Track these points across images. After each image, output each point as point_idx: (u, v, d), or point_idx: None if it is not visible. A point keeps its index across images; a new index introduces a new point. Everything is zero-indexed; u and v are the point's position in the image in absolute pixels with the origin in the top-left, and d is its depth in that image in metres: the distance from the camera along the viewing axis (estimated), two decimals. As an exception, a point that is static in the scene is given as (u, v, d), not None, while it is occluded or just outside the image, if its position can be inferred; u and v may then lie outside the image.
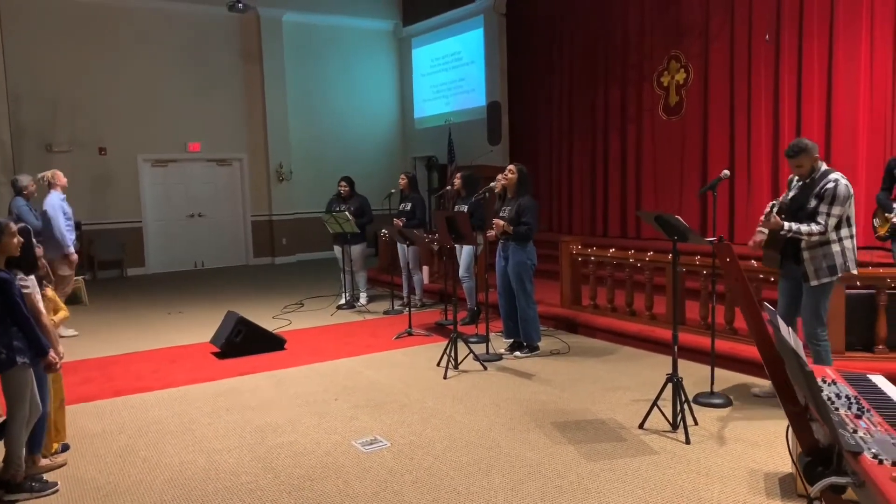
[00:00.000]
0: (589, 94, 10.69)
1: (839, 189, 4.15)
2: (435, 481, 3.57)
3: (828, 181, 4.20)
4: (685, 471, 3.61)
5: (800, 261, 4.28)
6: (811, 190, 4.25)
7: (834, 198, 4.14)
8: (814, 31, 7.76)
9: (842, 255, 4.22)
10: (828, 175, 4.24)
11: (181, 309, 8.85)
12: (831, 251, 4.21)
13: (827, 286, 4.26)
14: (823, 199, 4.17)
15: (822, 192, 4.19)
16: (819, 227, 4.15)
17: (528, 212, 5.82)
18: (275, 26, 13.51)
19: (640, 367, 5.61)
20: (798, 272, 4.32)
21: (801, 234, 4.18)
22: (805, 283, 4.29)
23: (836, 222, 4.17)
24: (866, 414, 2.08)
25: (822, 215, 4.16)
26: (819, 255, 4.22)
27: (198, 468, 3.85)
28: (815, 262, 4.23)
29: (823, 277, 4.23)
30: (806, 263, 4.25)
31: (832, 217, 4.14)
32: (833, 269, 4.22)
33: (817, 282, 4.24)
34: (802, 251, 4.25)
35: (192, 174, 13.17)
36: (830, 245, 4.20)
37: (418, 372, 5.64)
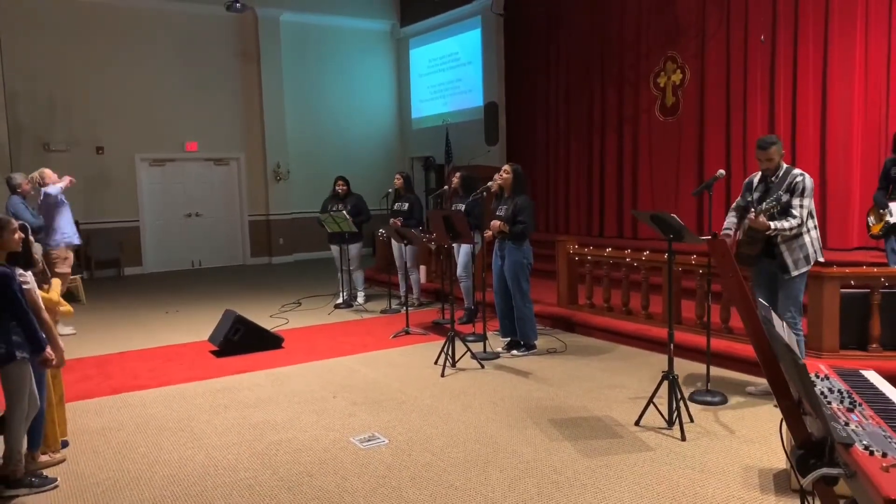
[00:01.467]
0: (586, 95, 10.73)
1: (807, 182, 4.41)
2: (433, 477, 3.60)
3: (794, 176, 4.44)
4: (681, 467, 3.64)
5: (775, 255, 4.46)
6: (779, 187, 4.45)
7: (804, 190, 4.39)
8: (809, 32, 7.82)
9: (811, 245, 4.46)
10: (791, 170, 4.49)
11: (178, 308, 8.86)
12: (804, 242, 4.44)
13: (804, 275, 4.49)
14: (794, 193, 4.39)
15: (792, 186, 4.41)
16: (796, 219, 4.36)
17: (524, 211, 5.86)
18: (272, 26, 13.53)
19: (636, 365, 5.65)
20: (774, 266, 4.50)
21: (784, 229, 4.36)
22: (784, 274, 4.46)
23: (808, 213, 4.39)
24: (858, 408, 2.12)
25: (796, 208, 4.37)
26: (795, 246, 4.43)
27: (197, 464, 3.87)
28: (793, 254, 4.43)
29: (802, 267, 4.45)
30: (784, 256, 4.43)
31: (804, 209, 4.38)
32: (808, 259, 4.46)
33: (797, 272, 4.44)
34: (778, 245, 4.44)
35: (190, 174, 13.17)
36: (803, 236, 4.43)
37: (416, 370, 5.66)
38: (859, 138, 7.46)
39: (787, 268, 4.44)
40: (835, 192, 7.63)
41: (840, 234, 7.58)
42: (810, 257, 4.46)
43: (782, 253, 4.43)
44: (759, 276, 4.66)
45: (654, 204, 9.53)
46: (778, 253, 4.45)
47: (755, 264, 4.61)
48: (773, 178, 4.52)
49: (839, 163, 7.60)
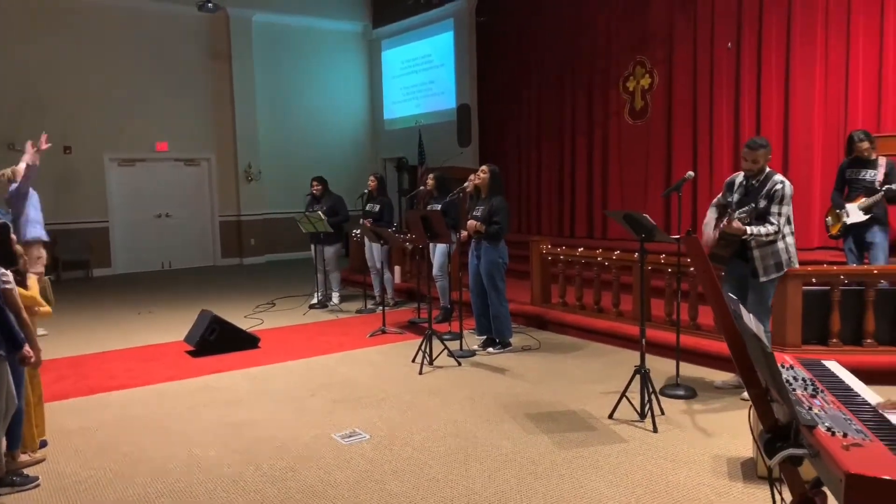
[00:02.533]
0: (557, 98, 10.92)
1: (786, 189, 4.45)
2: (414, 470, 3.69)
3: (775, 182, 4.47)
4: (653, 457, 3.78)
5: (747, 259, 4.54)
6: (759, 191, 4.50)
7: (783, 197, 4.43)
8: (772, 39, 8.09)
9: (786, 252, 4.53)
10: (772, 177, 4.52)
11: (151, 309, 8.80)
12: (777, 249, 4.50)
13: (774, 281, 4.59)
14: (773, 200, 4.44)
15: (771, 193, 4.45)
16: (773, 226, 4.43)
17: (499, 212, 5.98)
18: (244, 26, 13.48)
19: (608, 361, 5.81)
20: (746, 269, 4.58)
21: (760, 235, 4.43)
22: (754, 279, 4.55)
23: (785, 220, 4.45)
24: (820, 394, 2.27)
25: (773, 215, 4.43)
26: (767, 252, 4.50)
27: (179, 462, 3.90)
28: (765, 260, 4.51)
29: (772, 273, 4.54)
30: (756, 261, 4.52)
31: (782, 216, 4.44)
32: (779, 266, 4.53)
33: (766, 278, 4.54)
34: (752, 250, 4.51)
35: (160, 174, 13.06)
36: (776, 243, 4.49)
37: (394, 368, 5.74)
38: (820, 141, 7.74)
39: (757, 273, 4.53)
40: (797, 194, 7.81)
41: (802, 235, 7.82)
42: (782, 264, 4.53)
43: (755, 258, 4.51)
44: (729, 276, 4.74)
45: (624, 205, 9.74)
46: (751, 257, 4.53)
47: (727, 264, 4.70)
48: (755, 181, 4.55)
49: (801, 165, 7.88)
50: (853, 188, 5.88)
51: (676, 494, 3.34)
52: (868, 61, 7.32)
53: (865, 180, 5.81)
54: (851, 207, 5.82)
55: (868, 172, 5.80)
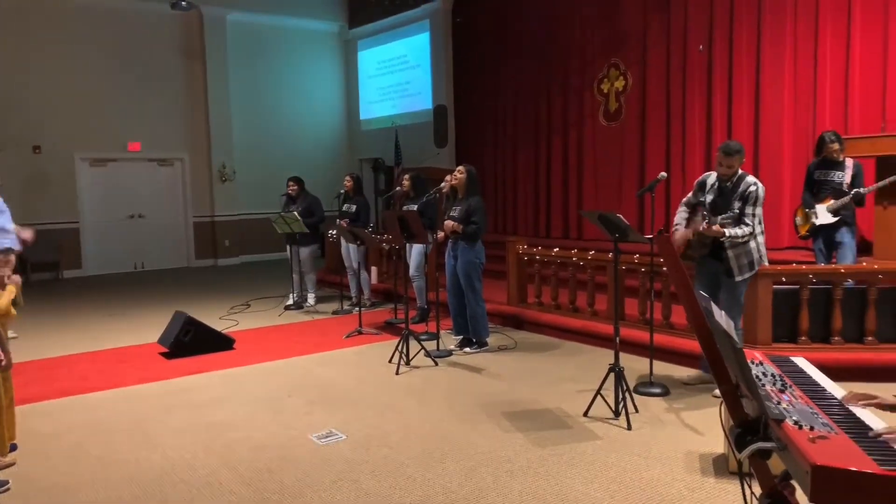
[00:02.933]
0: (533, 100, 10.99)
1: (760, 191, 4.55)
2: (392, 470, 3.69)
3: (748, 184, 4.56)
4: (627, 454, 3.83)
5: (721, 258, 4.63)
6: (732, 193, 4.59)
7: (756, 199, 4.53)
8: (743, 41, 8.23)
9: (757, 251, 4.65)
10: (745, 178, 4.61)
11: (124, 311, 8.68)
12: (750, 248, 4.61)
13: (748, 279, 4.70)
14: (748, 201, 4.53)
15: (745, 194, 4.54)
16: (749, 227, 4.52)
17: (476, 212, 6.01)
18: (218, 25, 13.35)
19: (583, 360, 5.86)
20: (719, 268, 4.68)
21: (737, 236, 4.52)
22: (728, 278, 4.65)
23: (757, 221, 4.55)
24: (789, 389, 2.32)
25: (748, 216, 4.53)
26: (741, 252, 4.60)
27: (153, 464, 3.86)
28: (739, 260, 4.61)
29: (746, 273, 4.64)
30: (731, 261, 4.61)
31: (756, 217, 4.54)
32: (752, 265, 4.65)
33: (741, 277, 4.64)
34: (727, 250, 4.61)
35: (132, 174, 12.88)
36: (749, 243, 4.60)
37: (370, 369, 5.74)
38: (789, 142, 7.90)
39: (731, 272, 4.62)
40: (767, 195, 7.98)
41: (772, 234, 7.97)
42: (755, 263, 4.64)
43: (729, 258, 4.60)
44: (701, 275, 4.81)
45: (598, 205, 9.84)
46: (725, 257, 4.61)
47: (700, 263, 4.79)
48: (729, 183, 4.63)
49: (771, 166, 8.03)
50: (822, 189, 5.99)
51: (650, 490, 3.39)
52: (835, 64, 7.48)
53: (834, 181, 5.92)
54: (820, 208, 5.93)
55: (836, 174, 5.91)
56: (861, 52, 7.27)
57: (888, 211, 5.95)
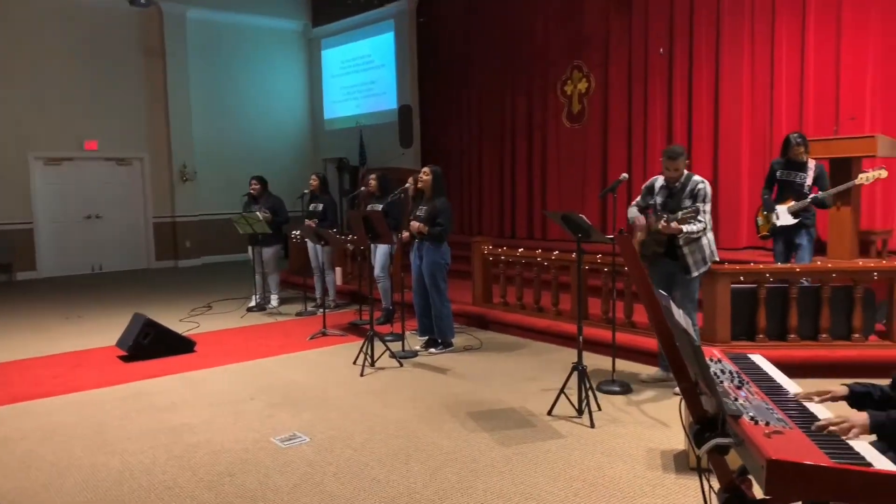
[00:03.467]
0: (497, 101, 11.04)
1: (707, 189, 4.75)
2: (355, 472, 3.67)
3: (696, 183, 4.76)
4: (590, 452, 3.87)
5: (676, 256, 4.77)
6: (682, 193, 4.77)
7: (706, 196, 4.72)
8: (702, 45, 8.39)
9: (708, 247, 4.81)
10: (692, 178, 4.80)
11: (80, 313, 8.48)
12: (702, 244, 4.77)
13: (702, 275, 4.86)
14: (697, 199, 4.71)
15: (695, 192, 4.72)
16: (702, 223, 4.67)
17: (442, 213, 6.01)
18: (178, 22, 13.13)
19: (547, 359, 5.90)
20: (674, 267, 4.82)
21: (692, 233, 4.65)
22: (685, 274, 4.79)
23: (709, 217, 4.72)
24: (746, 386, 2.37)
25: (700, 213, 4.65)
26: (695, 248, 4.76)
27: (111, 470, 3.77)
28: (693, 256, 4.76)
29: (701, 268, 4.80)
30: (687, 257, 4.76)
31: (706, 213, 4.70)
32: (705, 260, 4.81)
33: (697, 272, 4.79)
34: (681, 247, 4.75)
35: (89, 173, 12.59)
36: (701, 239, 4.76)
37: (335, 370, 5.70)
38: (747, 144, 8.07)
39: (688, 268, 4.76)
40: (725, 195, 8.21)
41: (730, 235, 8.17)
42: (707, 258, 4.80)
43: (685, 255, 4.73)
44: (656, 275, 4.89)
45: (562, 206, 9.92)
46: (681, 255, 4.75)
47: (653, 263, 4.90)
48: (677, 183, 4.80)
49: (730, 167, 8.19)
50: (784, 189, 6.04)
51: (612, 487, 3.42)
52: (791, 68, 7.67)
53: (796, 183, 5.97)
54: (781, 209, 6.01)
55: (799, 175, 5.96)
56: (815, 56, 7.47)
57: (841, 212, 6.12)
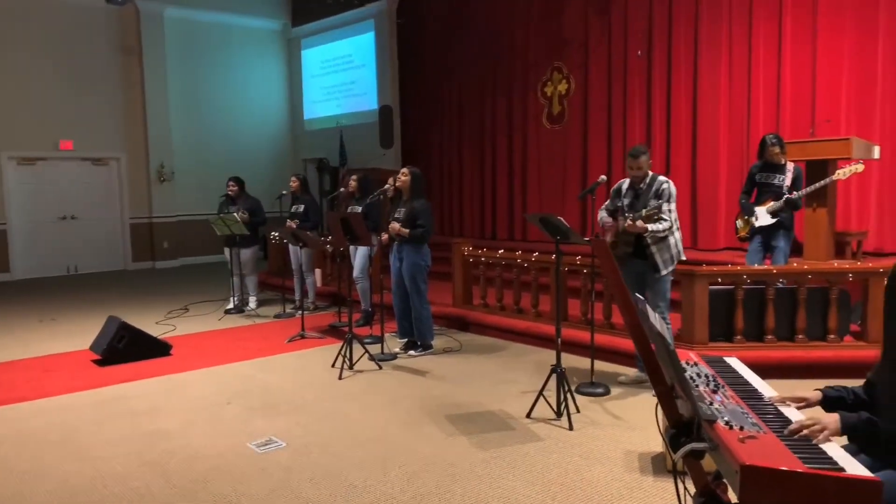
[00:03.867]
0: (478, 102, 11.05)
1: (672, 189, 4.82)
2: (332, 477, 3.63)
3: (661, 183, 4.83)
4: (569, 454, 3.86)
5: (645, 256, 4.83)
6: (648, 193, 4.83)
7: (670, 195, 4.79)
8: (681, 47, 8.45)
9: (676, 246, 4.86)
10: (657, 178, 4.88)
11: (54, 316, 8.34)
12: (669, 243, 4.83)
13: (671, 273, 4.91)
14: (662, 198, 4.77)
15: (659, 192, 4.79)
16: (667, 222, 4.74)
17: (422, 214, 5.97)
18: (155, 21, 12.97)
19: (527, 361, 5.90)
20: (644, 266, 4.88)
21: (658, 231, 4.72)
22: (654, 273, 4.85)
23: (675, 216, 4.78)
24: (721, 389, 2.37)
25: (665, 212, 4.73)
26: (663, 247, 4.82)
27: (83, 477, 3.70)
28: (662, 255, 4.81)
29: (669, 266, 4.85)
30: (655, 256, 4.81)
31: (672, 213, 4.77)
32: (673, 259, 4.86)
33: (665, 271, 4.84)
34: (650, 247, 4.80)
35: (65, 174, 12.40)
36: (668, 238, 4.81)
37: (313, 373, 5.65)
38: (725, 146, 8.14)
39: (657, 267, 4.82)
40: (704, 196, 8.28)
41: (709, 236, 8.23)
42: (675, 257, 4.86)
43: (653, 254, 4.80)
44: (627, 275, 4.95)
45: (542, 207, 9.95)
46: (649, 254, 4.81)
47: (624, 264, 4.94)
48: (642, 184, 4.88)
49: (708, 169, 8.26)
50: (763, 191, 6.09)
51: (590, 490, 3.42)
52: (768, 71, 7.74)
53: (775, 184, 6.01)
54: (760, 210, 6.04)
55: (777, 177, 6.00)
56: (791, 59, 7.55)
57: (817, 213, 6.18)
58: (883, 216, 7.12)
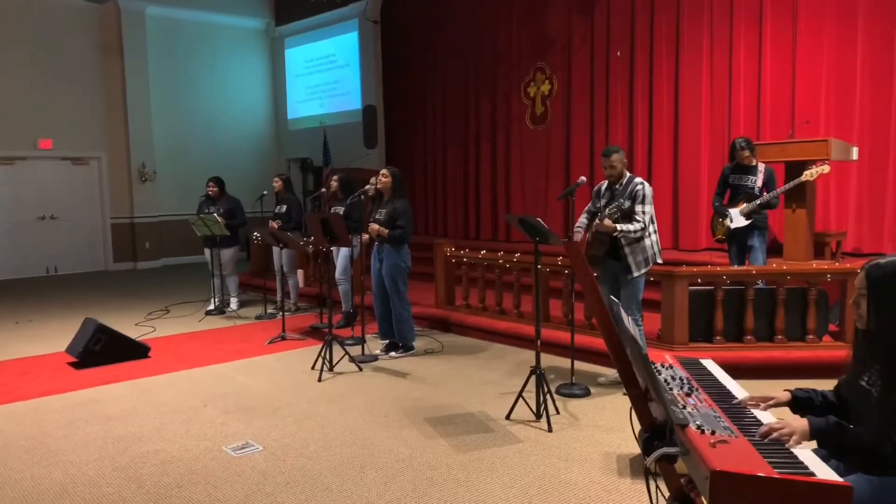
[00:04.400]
0: (461, 102, 11.02)
1: (647, 190, 4.82)
2: (308, 481, 3.59)
3: (636, 184, 4.84)
4: (547, 456, 3.84)
5: (619, 257, 4.84)
6: (623, 194, 4.84)
7: (644, 197, 4.79)
8: (663, 49, 8.46)
9: (652, 248, 4.86)
10: (633, 180, 4.89)
11: (31, 318, 8.22)
12: (645, 245, 4.83)
13: (644, 276, 4.90)
14: (636, 200, 4.79)
15: (633, 193, 4.80)
16: (639, 223, 4.75)
17: (403, 215, 5.94)
18: (137, 20, 12.83)
19: (508, 362, 5.88)
20: (618, 267, 4.89)
21: (628, 231, 4.74)
22: (626, 275, 4.85)
23: (650, 218, 4.79)
24: (695, 392, 2.35)
25: (638, 214, 4.77)
26: (637, 249, 4.81)
27: (53, 483, 3.63)
28: (635, 257, 4.82)
29: (642, 268, 4.85)
30: (628, 258, 4.81)
31: (647, 214, 4.78)
32: (647, 261, 4.86)
33: (638, 272, 4.84)
34: (623, 248, 4.81)
35: (43, 173, 12.25)
36: (644, 240, 4.81)
37: (292, 376, 5.59)
38: (707, 147, 8.16)
39: (630, 269, 4.82)
40: (685, 197, 8.30)
41: (690, 236, 8.25)
42: (650, 259, 4.86)
43: (626, 255, 4.81)
44: (604, 276, 5.02)
45: (526, 207, 9.93)
46: (623, 255, 4.82)
47: (601, 265, 4.96)
48: (618, 185, 4.91)
49: (689, 170, 8.27)
50: (736, 193, 6.19)
51: (568, 493, 3.40)
52: (748, 73, 7.76)
53: (747, 186, 6.11)
54: (734, 212, 6.11)
55: (749, 178, 6.11)
56: (772, 62, 7.58)
57: (797, 214, 6.20)
58: (861, 217, 7.16)
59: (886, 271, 2.10)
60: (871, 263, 2.16)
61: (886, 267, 2.10)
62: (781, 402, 2.29)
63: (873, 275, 2.11)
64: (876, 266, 2.13)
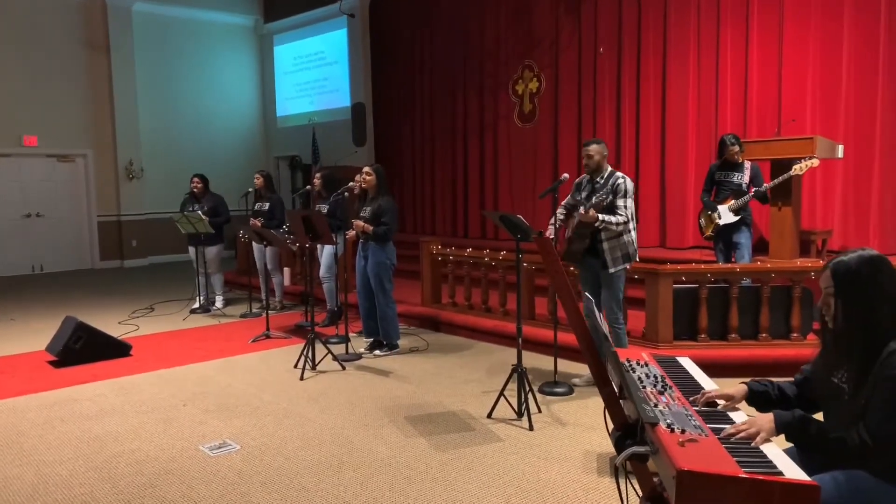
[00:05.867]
0: (450, 100, 10.98)
1: (628, 184, 4.78)
2: (285, 481, 3.54)
3: (617, 178, 4.80)
4: (527, 455, 3.81)
5: (598, 253, 4.79)
6: (604, 187, 4.81)
7: (626, 191, 4.75)
8: (650, 47, 8.44)
9: (631, 245, 4.81)
10: (615, 174, 4.86)
11: (13, 316, 8.14)
12: (624, 241, 4.78)
13: (623, 272, 4.85)
14: (617, 194, 4.75)
15: (615, 187, 4.77)
16: (622, 216, 4.72)
17: (387, 213, 5.89)
18: (123, 15, 12.73)
19: (492, 360, 5.85)
20: (597, 264, 4.85)
21: (611, 223, 4.69)
22: (604, 270, 4.81)
23: (631, 213, 4.75)
24: (668, 390, 2.32)
25: (620, 208, 4.73)
26: (615, 245, 4.77)
27: (25, 483, 3.58)
28: (613, 252, 4.77)
29: (619, 265, 4.80)
30: (606, 253, 4.77)
31: (628, 208, 4.74)
32: (626, 257, 4.81)
33: (615, 269, 4.79)
34: (602, 243, 4.76)
35: (28, 170, 12.13)
36: (623, 236, 4.77)
37: (274, 374, 5.54)
38: (693, 145, 8.15)
39: (606, 264, 4.78)
40: (672, 195, 8.28)
41: (677, 234, 8.24)
42: (629, 255, 4.81)
43: (604, 251, 4.76)
44: (584, 274, 4.99)
45: (514, 205, 9.91)
46: (601, 250, 4.77)
47: (582, 262, 4.93)
48: (599, 179, 4.87)
49: (676, 168, 8.26)
50: (722, 190, 6.21)
51: (547, 493, 3.37)
52: (735, 71, 7.76)
53: (734, 182, 6.14)
54: (723, 209, 6.11)
55: (736, 175, 6.14)
56: (758, 60, 7.57)
57: (783, 212, 6.19)
58: (847, 215, 7.17)
59: (850, 266, 2.07)
60: (834, 261, 2.14)
61: (850, 262, 2.08)
62: (738, 398, 2.27)
63: (838, 271, 2.09)
64: (839, 262, 2.10)
